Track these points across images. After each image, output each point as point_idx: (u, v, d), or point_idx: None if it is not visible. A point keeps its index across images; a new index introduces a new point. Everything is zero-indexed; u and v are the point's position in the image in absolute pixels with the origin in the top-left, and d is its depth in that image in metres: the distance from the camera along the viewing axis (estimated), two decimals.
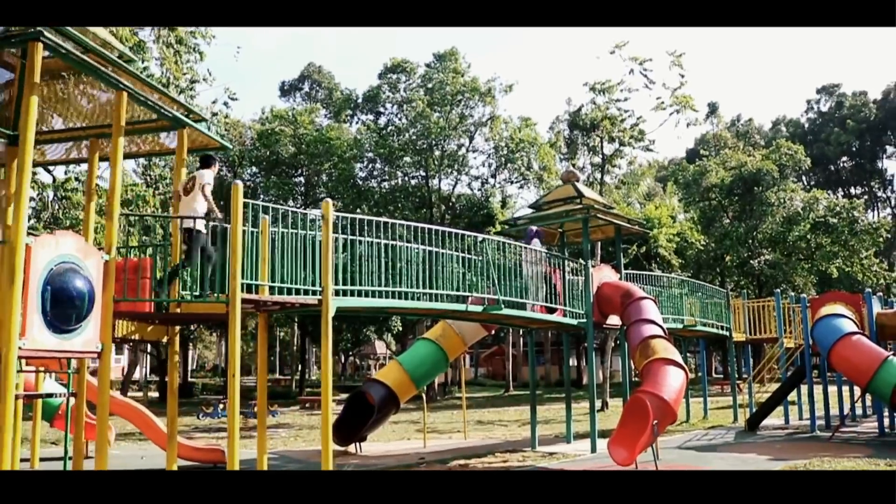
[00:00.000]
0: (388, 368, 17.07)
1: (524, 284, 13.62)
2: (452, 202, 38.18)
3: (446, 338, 16.70)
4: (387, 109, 38.91)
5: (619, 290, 15.24)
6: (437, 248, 11.79)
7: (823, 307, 17.20)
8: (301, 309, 10.69)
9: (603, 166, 31.82)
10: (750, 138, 59.19)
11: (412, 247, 11.51)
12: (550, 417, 24.81)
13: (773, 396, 18.55)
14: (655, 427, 11.61)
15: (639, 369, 13.26)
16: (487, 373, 67.11)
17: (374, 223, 10.94)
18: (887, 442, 15.63)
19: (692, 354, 51.13)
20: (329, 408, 9.96)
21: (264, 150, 34.93)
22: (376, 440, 19.20)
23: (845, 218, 40.62)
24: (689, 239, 35.54)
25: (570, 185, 16.26)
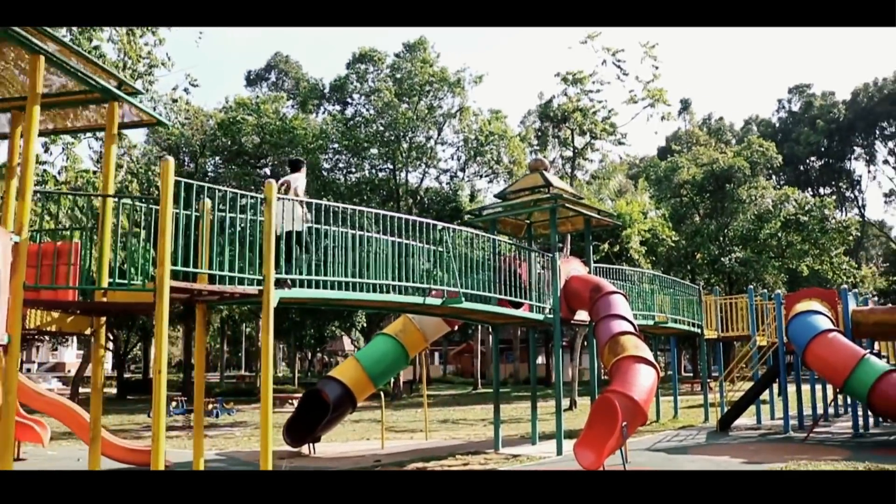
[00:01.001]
0: (345, 366, 16.17)
1: (488, 277, 12.85)
2: (420, 196, 37.31)
3: (407, 333, 15.88)
4: (354, 100, 37.98)
5: (588, 285, 14.50)
6: (395, 238, 11.02)
7: (798, 304, 16.62)
8: (242, 300, 9.81)
9: (574, 160, 31.14)
10: (722, 135, 59.06)
11: (366, 234, 10.71)
12: (518, 416, 24.10)
13: (745, 396, 17.95)
14: (625, 429, 10.89)
15: (607, 367, 12.52)
16: (456, 370, 66.32)
17: (321, 208, 10.11)
18: (863, 443, 15.09)
19: (662, 352, 50.84)
20: (269, 407, 9.17)
21: (226, 139, 33.80)
22: (333, 440, 18.35)
23: (816, 216, 40.48)
24: (661, 235, 34.97)
25: (537, 173, 15.48)
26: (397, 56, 37.03)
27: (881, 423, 18.88)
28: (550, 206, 14.54)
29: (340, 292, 10.17)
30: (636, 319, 14.33)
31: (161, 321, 7.90)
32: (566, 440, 14.39)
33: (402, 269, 11.08)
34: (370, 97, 35.99)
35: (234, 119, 33.22)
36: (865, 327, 16.71)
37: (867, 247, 72.24)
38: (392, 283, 10.97)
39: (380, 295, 10.81)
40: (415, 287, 11.46)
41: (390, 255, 10.97)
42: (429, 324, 15.90)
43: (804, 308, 16.16)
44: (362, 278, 10.50)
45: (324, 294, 9.99)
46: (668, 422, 21.06)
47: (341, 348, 61.19)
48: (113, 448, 12.13)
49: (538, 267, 14.37)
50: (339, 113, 37.50)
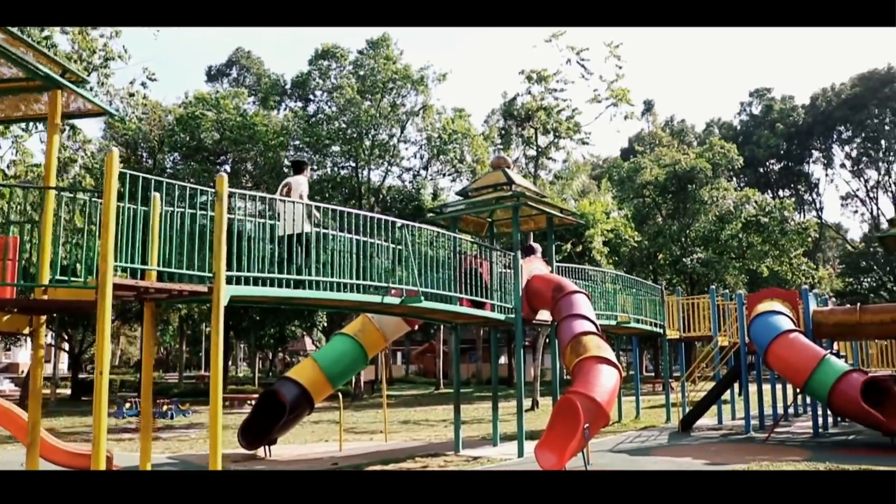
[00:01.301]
0: (302, 366, 15.80)
1: (449, 276, 12.59)
2: (383, 194, 36.92)
3: (366, 333, 15.55)
4: (316, 97, 37.47)
5: (551, 284, 14.29)
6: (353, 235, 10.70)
7: (760, 304, 16.60)
8: (192, 298, 9.41)
9: (537, 159, 31.00)
10: (684, 137, 59.50)
11: (321, 231, 10.39)
12: (480, 417, 23.88)
13: (707, 396, 17.90)
14: (586, 431, 10.68)
15: (569, 368, 12.31)
16: (419, 370, 65.99)
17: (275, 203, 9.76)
18: (823, 443, 15.08)
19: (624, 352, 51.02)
20: (218, 408, 8.80)
21: (185, 135, 33.12)
22: (291, 442, 17.97)
23: (776, 217, 40.87)
24: (624, 236, 35.00)
25: (499, 171, 15.24)
26: (360, 53, 36.64)
27: (839, 423, 18.98)
28: (513, 204, 14.31)
29: (296, 291, 9.83)
30: (599, 319, 14.17)
31: (103, 320, 7.51)
32: (528, 441, 14.18)
33: (360, 268, 10.78)
34: (332, 94, 35.53)
35: (193, 114, 32.56)
36: (826, 328, 16.75)
37: (824, 249, 73.36)
38: (350, 282, 10.66)
39: (337, 294, 10.47)
40: (373, 286, 11.15)
41: (348, 253, 10.67)
42: (388, 323, 15.59)
43: (766, 308, 16.14)
44: (319, 276, 10.18)
45: (278, 292, 9.63)
46: (630, 422, 20.98)
47: (303, 348, 60.51)
48: (54, 452, 11.63)
49: (500, 266, 14.14)
50: (301, 110, 36.97)
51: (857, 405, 13.29)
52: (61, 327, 42.96)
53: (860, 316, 16.56)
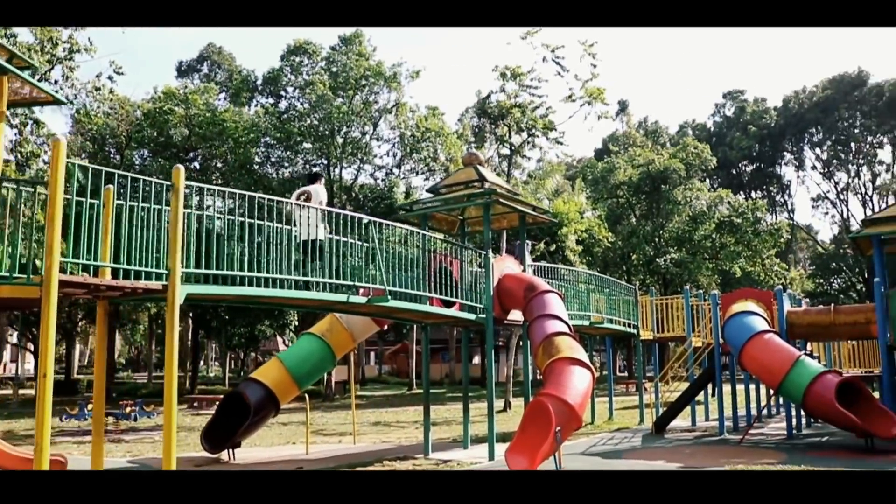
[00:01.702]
0: (268, 367, 15.32)
1: (419, 275, 12.24)
2: (355, 192, 36.43)
3: (334, 333, 15.13)
4: (288, 93, 36.87)
5: (522, 283, 13.97)
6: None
7: (734, 304, 16.41)
8: (147, 296, 8.96)
9: (510, 158, 30.70)
10: (658, 137, 59.60)
11: (287, 228, 10.00)
12: (451, 418, 23.56)
13: (680, 398, 17.71)
14: (558, 434, 10.37)
15: (541, 369, 11.99)
16: (391, 370, 65.52)
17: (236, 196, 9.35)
18: (797, 445, 14.92)
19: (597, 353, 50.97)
20: (173, 410, 8.39)
21: (153, 130, 32.41)
22: (257, 444, 17.52)
23: (749, 218, 40.96)
24: (597, 236, 34.89)
25: (471, 167, 14.89)
26: (333, 49, 36.13)
27: (812, 424, 18.87)
28: (484, 201, 13.97)
29: (256, 289, 9.42)
30: (572, 320, 13.88)
31: (47, 318, 7.08)
32: (499, 444, 13.87)
33: (327, 266, 10.41)
34: (304, 90, 35.00)
35: (162, 110, 31.88)
36: (800, 328, 16.59)
37: (795, 250, 73.86)
38: (315, 280, 10.27)
39: (300, 292, 10.08)
40: (338, 284, 10.77)
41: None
42: (357, 323, 15.20)
43: (740, 309, 15.95)
44: (284, 274, 9.80)
45: (236, 290, 9.21)
46: (603, 424, 20.74)
47: (275, 348, 59.80)
48: (2, 456, 11.08)
49: (471, 265, 13.82)
50: (272, 106, 36.39)
51: (832, 407, 13.12)
52: (26, 326, 42.07)
53: (834, 317, 16.43)
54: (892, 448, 13.31)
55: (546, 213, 15.96)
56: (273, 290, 9.66)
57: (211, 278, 9.03)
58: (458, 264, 13.59)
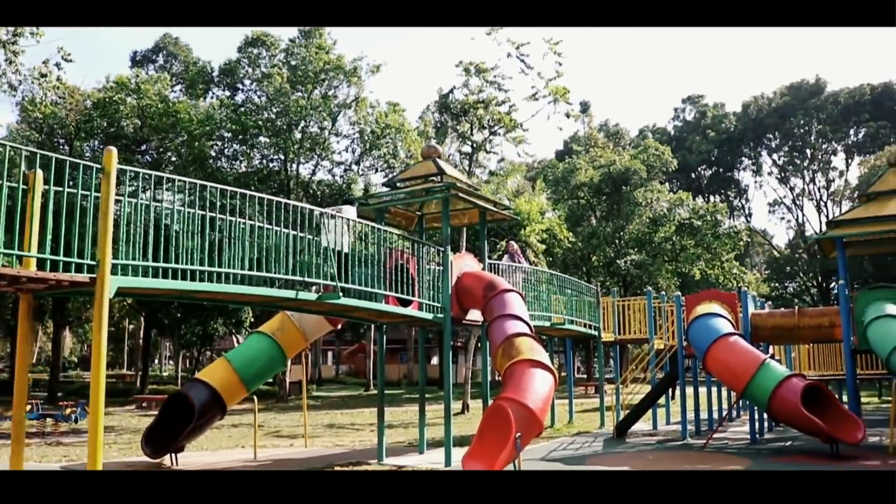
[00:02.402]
0: (214, 367, 14.56)
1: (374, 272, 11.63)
2: (313, 188, 35.59)
3: (284, 332, 14.43)
4: (245, 86, 35.92)
5: (482, 282, 13.42)
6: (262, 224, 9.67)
7: (699, 306, 16.03)
8: (74, 289, 8.21)
9: (472, 156, 30.15)
10: (620, 140, 59.64)
11: (232, 219, 9.33)
12: (408, 420, 22.96)
13: (642, 401, 17.31)
14: (518, 440, 9.84)
15: (501, 371, 11.45)
16: (349, 370, 64.71)
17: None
18: (761, 450, 14.59)
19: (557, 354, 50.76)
20: (99, 414, 7.66)
21: (102, 120, 31.24)
22: (205, 448, 16.78)
23: (708, 221, 40.99)
24: (558, 236, 34.58)
25: (430, 161, 14.29)
26: (291, 42, 35.26)
27: (774, 428, 18.63)
28: (443, 195, 13.38)
29: (193, 283, 8.72)
30: (532, 320, 13.37)
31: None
32: (457, 448, 13.33)
33: (273, 260, 9.75)
34: (262, 83, 34.10)
35: (112, 99, 30.73)
36: (764, 331, 16.28)
37: (752, 254, 74.55)
38: (259, 275, 9.62)
39: (244, 287, 9.41)
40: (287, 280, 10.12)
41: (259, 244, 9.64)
42: (309, 322, 14.53)
43: (705, 311, 15.57)
44: (226, 268, 9.12)
45: (172, 285, 8.51)
46: (563, 427, 20.30)
47: (230, 346, 58.54)
48: None
49: (429, 262, 13.25)
50: (229, 98, 35.39)
51: (798, 411, 12.78)
52: None
53: (798, 319, 16.17)
54: (856, 454, 13.04)
55: (507, 209, 15.41)
56: (215, 286, 8.97)
57: (154, 271, 8.35)
58: (416, 262, 13.02)
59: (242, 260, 9.35)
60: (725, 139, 70.25)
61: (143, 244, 8.18)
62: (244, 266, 9.37)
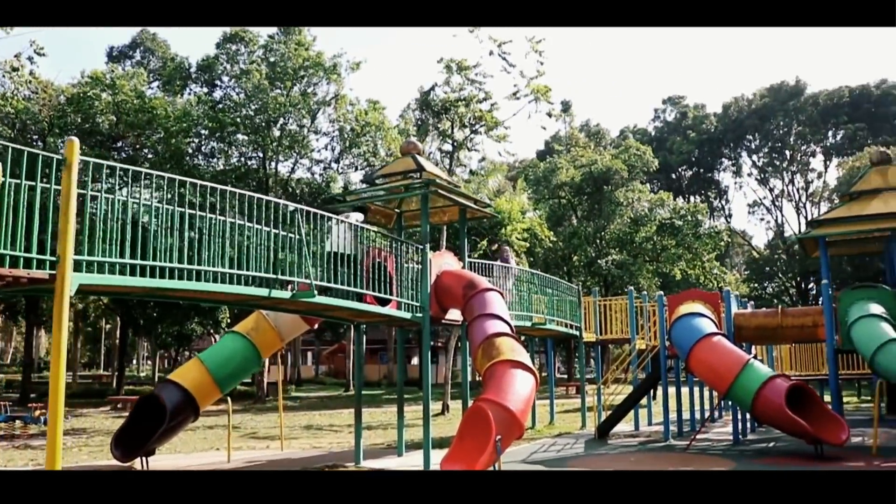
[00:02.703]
0: (187, 367, 14.13)
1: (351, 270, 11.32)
2: (291, 187, 35.11)
3: (259, 332, 14.05)
4: (223, 82, 35.39)
5: (462, 280, 13.13)
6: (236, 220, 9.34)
7: (682, 306, 15.81)
8: (33, 286, 7.83)
9: (453, 154, 29.84)
10: (601, 140, 59.59)
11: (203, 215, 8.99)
12: (387, 422, 22.64)
13: (624, 402, 17.09)
14: (499, 443, 9.56)
15: (481, 372, 11.17)
16: (329, 370, 64.21)
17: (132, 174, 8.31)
18: (745, 451, 14.40)
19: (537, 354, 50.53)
20: (58, 416, 7.31)
21: (76, 116, 30.62)
22: (178, 451, 16.41)
23: (690, 221, 40.94)
24: (539, 236, 34.32)
25: (409, 157, 13.99)
26: (270, 38, 34.77)
27: (756, 429, 18.49)
28: (422, 192, 13.08)
29: (161, 281, 8.37)
30: (513, 320, 13.10)
31: None
32: (437, 451, 13.07)
33: (246, 257, 9.43)
34: (240, 79, 33.60)
35: (86, 94, 30.13)
36: (747, 331, 16.11)
37: (731, 255, 74.85)
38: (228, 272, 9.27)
39: (213, 285, 9.06)
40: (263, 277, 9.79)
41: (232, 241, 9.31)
42: (285, 322, 14.16)
43: (688, 310, 15.35)
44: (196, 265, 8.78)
45: (138, 282, 8.16)
46: (543, 428, 20.06)
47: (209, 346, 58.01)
48: None
49: (408, 260, 12.96)
50: (207, 95, 34.85)
51: (782, 412, 12.59)
52: None
53: (781, 319, 16.01)
54: (841, 455, 12.89)
55: (487, 206, 15.13)
56: (184, 283, 8.63)
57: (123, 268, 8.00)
58: (394, 260, 12.72)
59: (216, 257, 9.02)
60: (706, 140, 70.49)
61: (109, 240, 7.83)
62: (218, 263, 9.03)
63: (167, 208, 8.50)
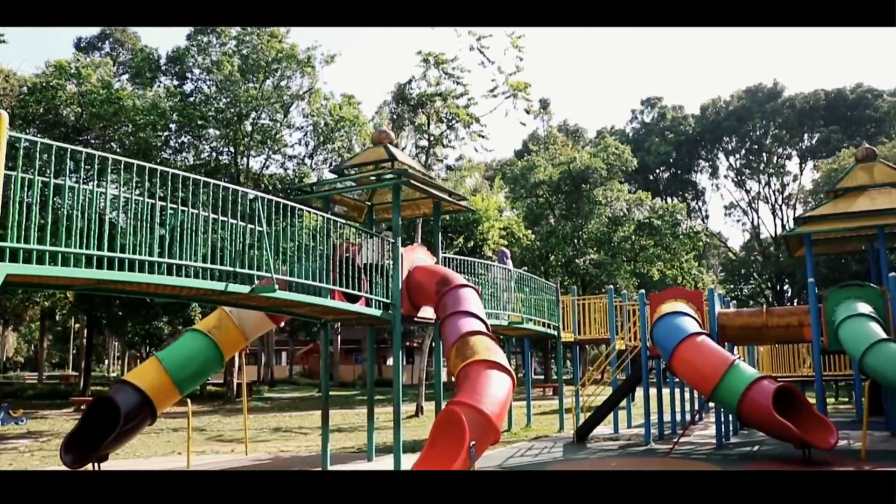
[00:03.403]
0: (145, 368, 13.32)
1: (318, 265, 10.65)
2: (264, 183, 34.25)
3: (222, 330, 13.30)
4: (194, 74, 34.45)
5: (435, 276, 12.46)
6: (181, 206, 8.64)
7: (664, 304, 15.23)
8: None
9: (429, 149, 29.14)
10: (579, 139, 59.25)
11: (148, 201, 8.28)
12: (360, 424, 21.93)
13: (604, 404, 16.49)
14: (473, 449, 8.90)
15: (454, 373, 10.50)
16: (303, 371, 63.34)
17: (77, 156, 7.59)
18: (729, 455, 13.85)
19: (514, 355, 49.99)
20: None
21: (39, 107, 29.54)
22: (136, 455, 15.64)
23: (668, 221, 40.59)
24: (517, 234, 33.78)
25: (381, 147, 13.32)
26: (243, 29, 33.90)
27: (739, 431, 18.01)
28: (394, 182, 12.41)
29: (100, 272, 7.63)
30: (489, 319, 12.45)
31: None
32: (409, 455, 12.42)
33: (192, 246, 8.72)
34: (211, 72, 32.69)
35: (50, 84, 29.08)
36: (731, 331, 15.58)
37: (708, 256, 74.91)
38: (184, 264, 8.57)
39: (165, 278, 8.33)
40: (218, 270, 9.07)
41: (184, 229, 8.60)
42: (249, 319, 13.43)
43: (670, 309, 14.76)
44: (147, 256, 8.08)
45: (72, 273, 7.41)
46: (520, 431, 19.44)
47: None
48: None
49: (379, 255, 12.27)
50: (177, 88, 33.89)
51: (769, 415, 12.05)
52: None
53: (766, 318, 15.51)
54: (829, 459, 12.38)
55: (463, 199, 14.47)
56: (129, 275, 7.89)
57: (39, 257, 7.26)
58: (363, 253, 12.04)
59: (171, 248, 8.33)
60: (684, 141, 70.45)
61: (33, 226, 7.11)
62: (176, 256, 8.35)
63: (111, 193, 7.78)
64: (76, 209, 7.52)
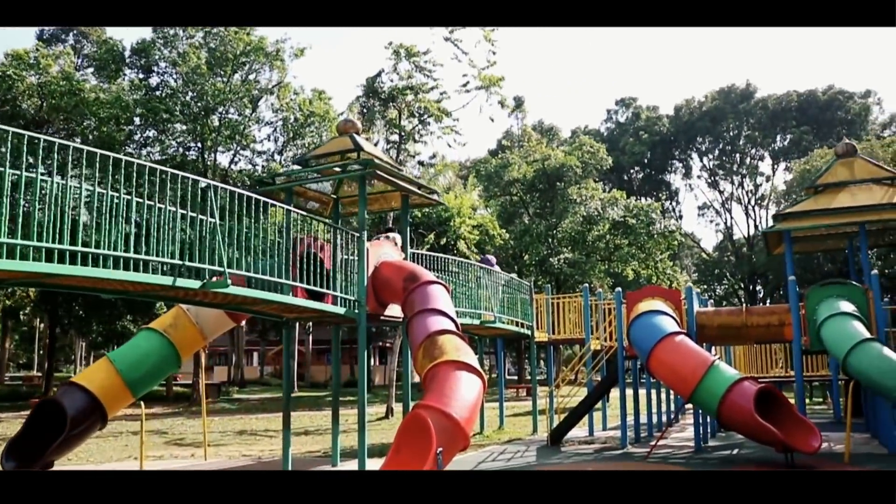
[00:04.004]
0: (95, 368, 12.53)
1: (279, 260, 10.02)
2: (232, 179, 33.39)
3: (179, 329, 12.57)
4: (160, 67, 33.49)
5: (402, 272, 11.82)
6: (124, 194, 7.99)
7: (641, 303, 14.71)
8: None
9: (400, 145, 28.48)
10: (553, 138, 58.93)
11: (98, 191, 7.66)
12: (327, 426, 21.23)
13: (579, 406, 15.96)
14: (440, 457, 8.30)
15: (421, 374, 9.89)
16: (274, 371, 62.40)
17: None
18: (709, 459, 13.36)
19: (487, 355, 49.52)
20: None
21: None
22: (90, 460, 14.86)
23: (643, 220, 40.28)
24: (491, 232, 33.22)
25: (347, 136, 12.69)
26: None
27: (716, 434, 17.59)
28: (360, 173, 11.77)
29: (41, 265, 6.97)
30: (459, 318, 11.85)
31: None
32: (375, 459, 11.82)
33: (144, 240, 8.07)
34: (177, 64, 31.78)
35: (6, 74, 28.06)
36: (710, 330, 15.10)
37: (681, 256, 74.99)
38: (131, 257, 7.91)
39: (107, 271, 7.67)
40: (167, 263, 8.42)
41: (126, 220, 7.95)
42: (207, 318, 12.72)
43: (648, 308, 14.24)
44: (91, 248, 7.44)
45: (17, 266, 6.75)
46: (492, 434, 18.86)
47: None
48: None
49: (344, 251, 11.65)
50: (142, 81, 32.92)
51: (751, 418, 11.56)
52: None
53: (746, 318, 15.05)
54: (812, 463, 11.95)
55: (433, 192, 13.87)
56: (66, 268, 7.22)
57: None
58: (330, 250, 11.41)
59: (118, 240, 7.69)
60: (658, 141, 70.45)
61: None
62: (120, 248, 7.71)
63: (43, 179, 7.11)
64: None
